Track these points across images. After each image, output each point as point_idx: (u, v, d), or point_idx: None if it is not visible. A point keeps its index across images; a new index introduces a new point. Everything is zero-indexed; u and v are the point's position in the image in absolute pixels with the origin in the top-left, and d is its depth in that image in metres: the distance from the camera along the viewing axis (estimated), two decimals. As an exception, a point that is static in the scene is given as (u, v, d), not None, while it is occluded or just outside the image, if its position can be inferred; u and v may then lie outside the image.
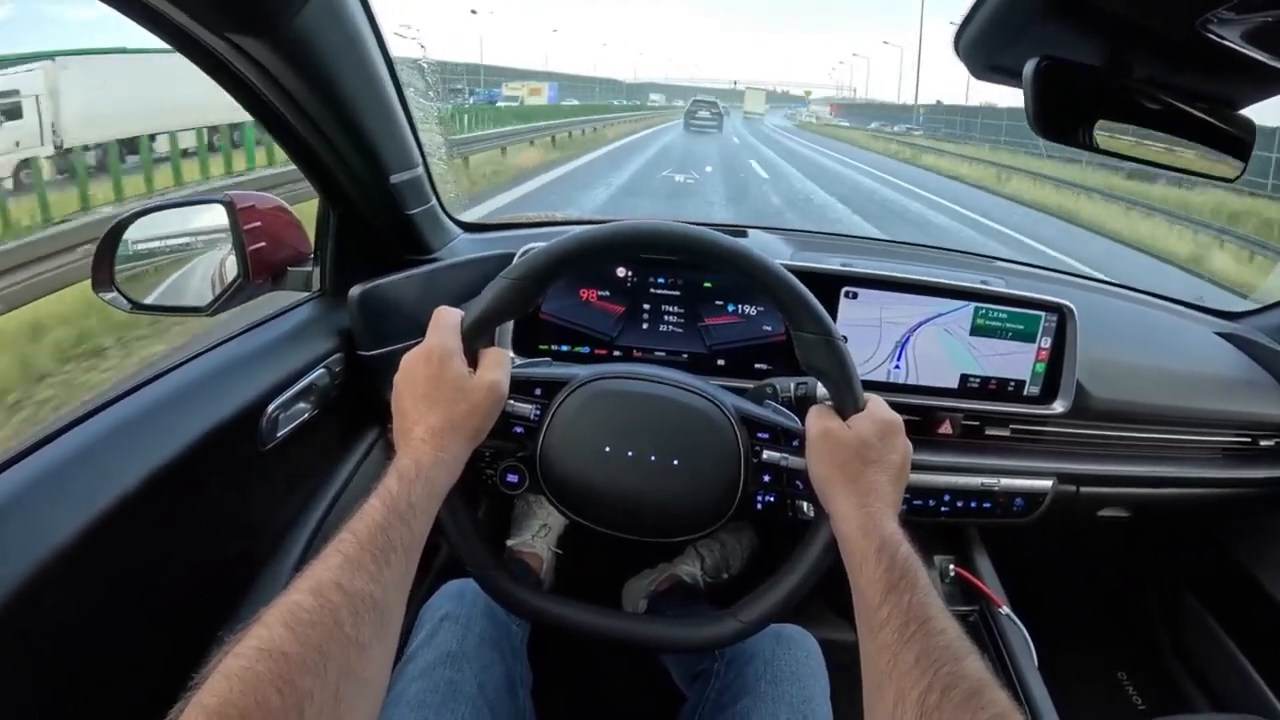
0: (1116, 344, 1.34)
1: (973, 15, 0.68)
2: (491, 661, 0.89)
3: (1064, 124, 0.75)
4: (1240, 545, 1.49)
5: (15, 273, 4.25)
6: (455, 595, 0.95)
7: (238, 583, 0.93)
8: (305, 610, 0.48)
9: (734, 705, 0.88)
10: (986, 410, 1.25)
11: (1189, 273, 9.13)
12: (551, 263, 0.73)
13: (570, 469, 0.77)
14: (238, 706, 0.42)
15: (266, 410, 0.91)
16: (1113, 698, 1.63)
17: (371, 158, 1.00)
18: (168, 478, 0.74)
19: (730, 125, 38.50)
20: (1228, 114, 0.76)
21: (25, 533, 0.63)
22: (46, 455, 0.70)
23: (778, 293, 0.73)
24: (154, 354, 3.79)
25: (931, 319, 1.20)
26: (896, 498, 0.69)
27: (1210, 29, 0.57)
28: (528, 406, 0.78)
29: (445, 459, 0.66)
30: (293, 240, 1.09)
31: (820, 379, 0.75)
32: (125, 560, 0.72)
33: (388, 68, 0.99)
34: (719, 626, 0.76)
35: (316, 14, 0.79)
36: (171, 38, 0.74)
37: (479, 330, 0.72)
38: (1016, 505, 1.25)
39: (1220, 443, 1.38)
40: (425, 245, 1.25)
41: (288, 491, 1.02)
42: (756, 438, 0.79)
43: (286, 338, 1.02)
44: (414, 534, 0.59)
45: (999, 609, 1.28)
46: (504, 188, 11.13)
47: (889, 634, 0.57)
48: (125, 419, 0.77)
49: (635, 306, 1.21)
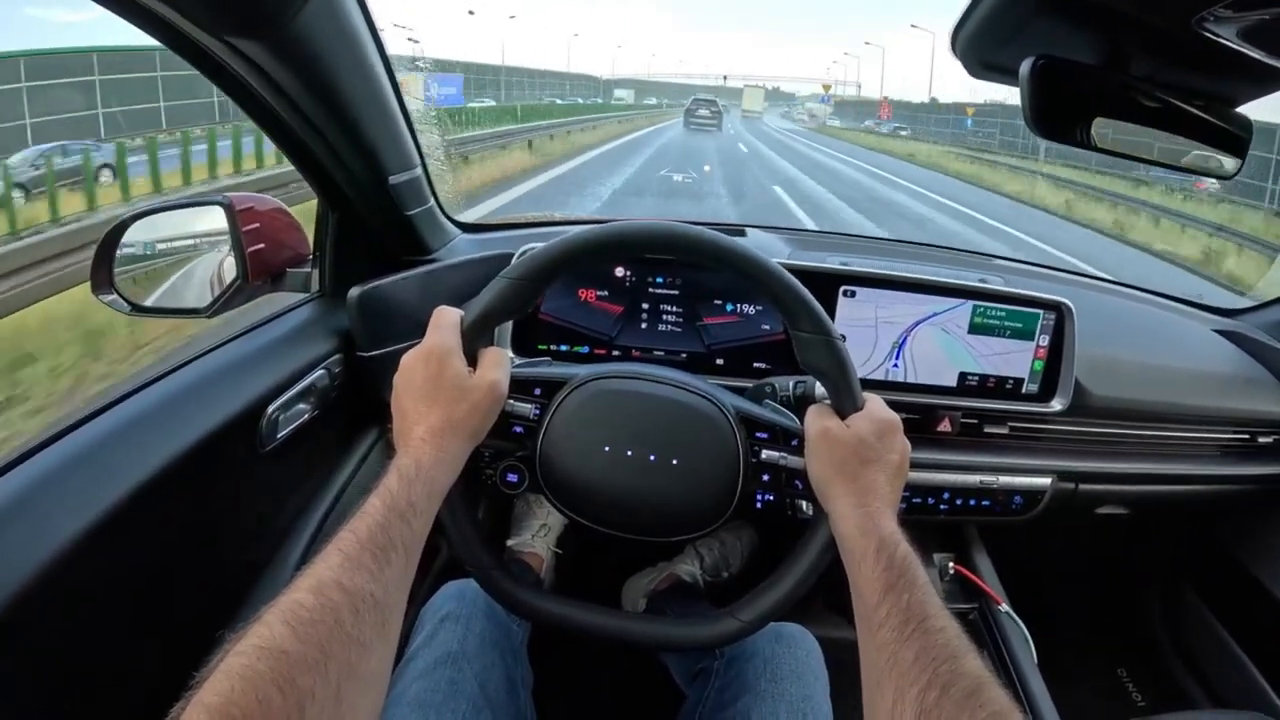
0: (1115, 341, 1.34)
1: (969, 13, 0.68)
2: (492, 661, 0.89)
3: (1061, 122, 0.75)
4: (1239, 542, 1.49)
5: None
6: (456, 595, 0.95)
7: (239, 583, 0.93)
8: (306, 609, 0.48)
9: (734, 704, 0.88)
10: (985, 408, 1.25)
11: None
12: (551, 263, 0.73)
13: (570, 468, 0.77)
14: (239, 705, 0.42)
15: (266, 411, 0.91)
16: (1112, 695, 1.64)
17: (370, 159, 1.00)
18: (169, 480, 0.75)
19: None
20: (1225, 111, 0.76)
21: (28, 535, 0.63)
22: (48, 457, 0.70)
23: (776, 292, 0.73)
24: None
25: (930, 317, 1.20)
26: (895, 497, 0.69)
27: (1207, 27, 0.57)
28: (527, 406, 0.78)
29: (445, 458, 0.66)
30: (292, 241, 1.09)
31: (819, 378, 0.75)
32: (127, 562, 0.72)
33: (385, 69, 0.99)
34: (718, 625, 0.76)
35: (314, 16, 0.78)
36: (168, 40, 0.74)
37: (478, 330, 0.72)
38: (1015, 503, 1.25)
39: (1219, 440, 1.38)
40: (424, 246, 1.25)
41: (288, 492, 1.02)
42: (755, 437, 0.79)
43: (286, 339, 1.02)
44: (414, 533, 0.59)
45: (998, 607, 1.28)
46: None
47: (888, 633, 0.57)
48: (126, 421, 0.77)
49: (634, 306, 1.21)
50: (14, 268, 4.58)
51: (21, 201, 7.52)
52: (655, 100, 75.96)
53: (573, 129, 21.93)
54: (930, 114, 43.13)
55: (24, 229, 6.05)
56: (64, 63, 12.09)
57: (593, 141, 21.50)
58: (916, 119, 40.65)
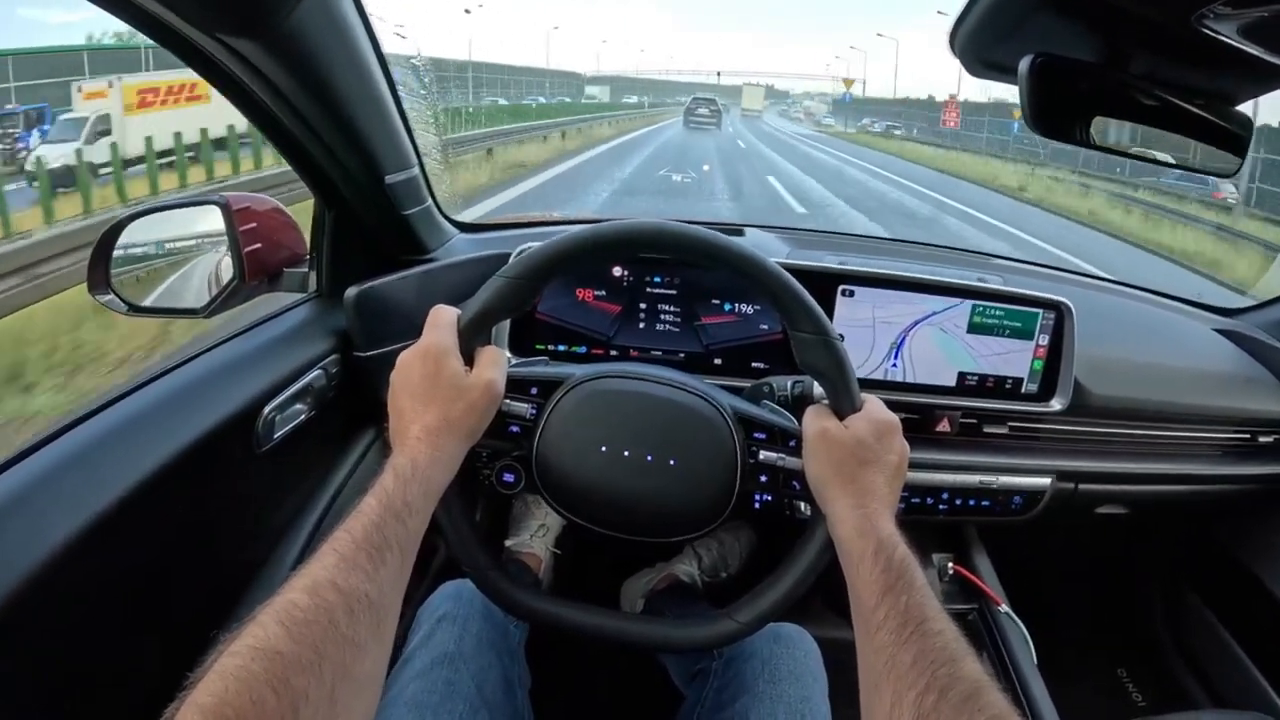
0: (1114, 341, 1.34)
1: (968, 10, 0.68)
2: (489, 662, 0.89)
3: (1060, 120, 0.75)
4: (1240, 542, 1.49)
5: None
6: (453, 596, 0.95)
7: (235, 583, 0.93)
8: (300, 609, 0.48)
9: (732, 704, 0.88)
10: (984, 408, 1.25)
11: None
12: (548, 262, 0.73)
13: (567, 469, 0.77)
14: (233, 706, 0.41)
15: (263, 412, 0.91)
16: (1113, 695, 1.63)
17: (367, 158, 1.00)
18: (165, 480, 0.74)
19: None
20: (1225, 109, 0.76)
21: (23, 534, 0.62)
22: (44, 457, 0.69)
23: (775, 292, 0.73)
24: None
25: (928, 317, 1.20)
26: (893, 498, 0.69)
27: (1207, 24, 0.56)
28: (524, 406, 0.78)
29: (442, 458, 0.66)
30: (288, 241, 1.09)
31: (817, 379, 0.75)
32: (122, 562, 0.72)
33: (381, 67, 0.98)
34: (716, 626, 0.76)
35: (310, 14, 0.78)
36: (163, 39, 0.74)
37: (475, 329, 0.72)
38: (1015, 503, 1.25)
39: (1219, 439, 1.38)
40: (421, 245, 1.25)
41: (285, 492, 1.02)
42: (753, 438, 0.79)
43: (283, 339, 1.02)
44: (410, 533, 0.59)
45: (998, 607, 1.28)
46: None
47: (886, 635, 0.57)
48: (122, 421, 0.77)
49: (632, 306, 1.21)
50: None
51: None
52: (638, 99, 67.78)
53: (525, 138, 17.27)
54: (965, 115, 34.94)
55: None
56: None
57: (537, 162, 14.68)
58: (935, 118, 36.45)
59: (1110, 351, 1.31)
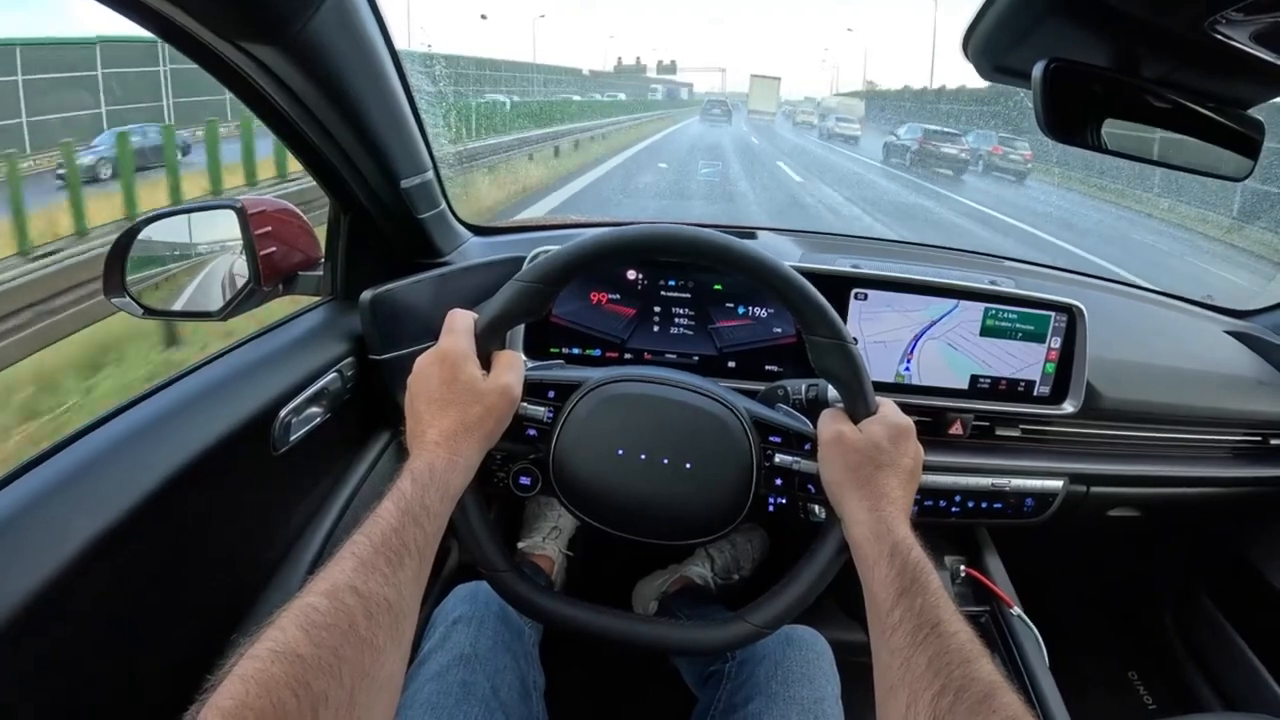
0: (1126, 343, 1.34)
1: (981, 16, 0.68)
2: (505, 664, 0.89)
3: (1073, 125, 0.74)
4: (1252, 544, 1.49)
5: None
6: (468, 597, 0.95)
7: (252, 586, 0.93)
8: (319, 613, 0.48)
9: (745, 707, 0.88)
10: (997, 411, 1.25)
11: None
12: (565, 266, 0.74)
13: (583, 472, 0.77)
14: (253, 709, 0.42)
15: (279, 415, 0.92)
16: (1124, 697, 1.63)
17: (382, 163, 1.01)
18: (182, 483, 0.75)
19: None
20: (1237, 113, 0.76)
21: (43, 537, 0.63)
22: (63, 460, 0.70)
23: (790, 296, 0.73)
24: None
25: (941, 320, 1.20)
26: (908, 501, 0.69)
27: (1219, 30, 0.56)
28: (541, 409, 0.78)
29: (459, 461, 0.66)
30: (303, 245, 1.10)
31: (832, 383, 0.75)
32: (141, 564, 0.72)
33: (398, 73, 0.99)
34: (729, 629, 0.76)
35: (328, 21, 0.79)
36: (182, 45, 0.75)
37: (492, 333, 0.73)
38: (1027, 505, 1.25)
39: (1230, 442, 1.38)
40: (436, 249, 1.25)
41: (301, 495, 1.03)
42: (768, 441, 0.79)
43: (298, 342, 1.03)
44: (427, 536, 0.59)
45: (1010, 610, 1.27)
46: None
47: (901, 637, 0.57)
48: (140, 424, 0.78)
49: (646, 309, 1.21)
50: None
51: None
52: (621, 94, 50.13)
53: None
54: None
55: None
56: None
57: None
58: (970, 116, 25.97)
59: (1122, 354, 1.31)
